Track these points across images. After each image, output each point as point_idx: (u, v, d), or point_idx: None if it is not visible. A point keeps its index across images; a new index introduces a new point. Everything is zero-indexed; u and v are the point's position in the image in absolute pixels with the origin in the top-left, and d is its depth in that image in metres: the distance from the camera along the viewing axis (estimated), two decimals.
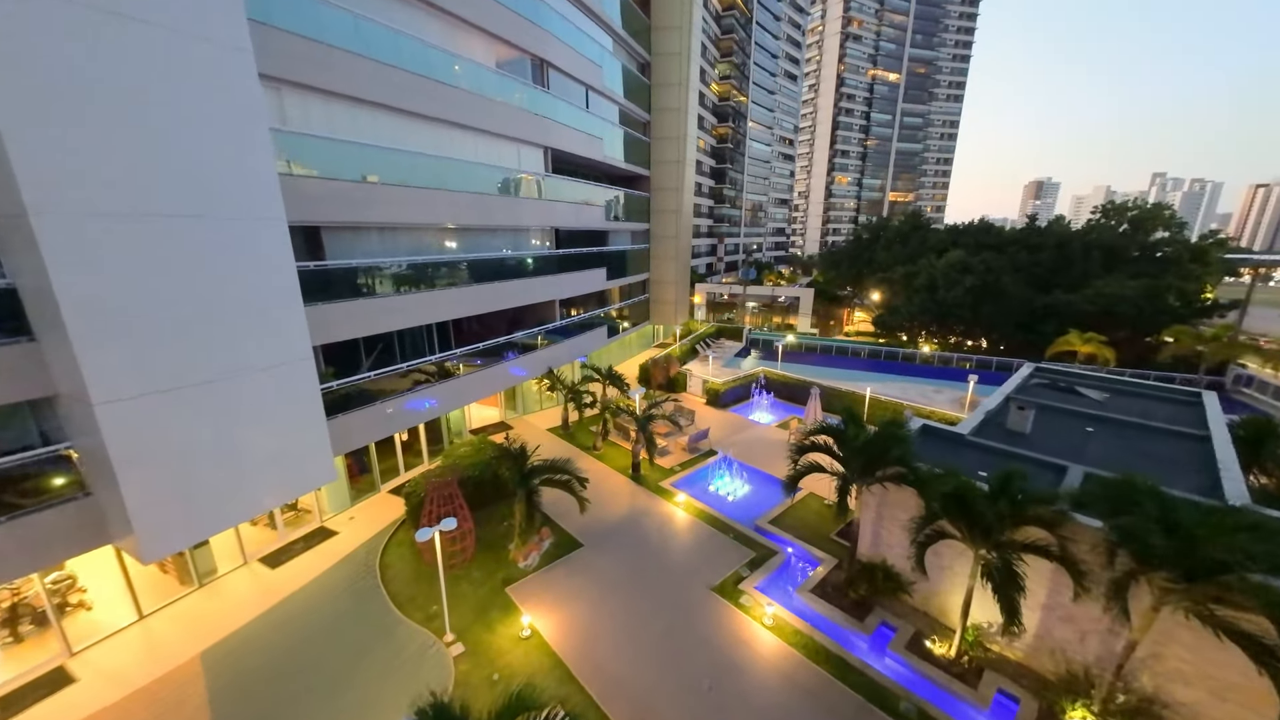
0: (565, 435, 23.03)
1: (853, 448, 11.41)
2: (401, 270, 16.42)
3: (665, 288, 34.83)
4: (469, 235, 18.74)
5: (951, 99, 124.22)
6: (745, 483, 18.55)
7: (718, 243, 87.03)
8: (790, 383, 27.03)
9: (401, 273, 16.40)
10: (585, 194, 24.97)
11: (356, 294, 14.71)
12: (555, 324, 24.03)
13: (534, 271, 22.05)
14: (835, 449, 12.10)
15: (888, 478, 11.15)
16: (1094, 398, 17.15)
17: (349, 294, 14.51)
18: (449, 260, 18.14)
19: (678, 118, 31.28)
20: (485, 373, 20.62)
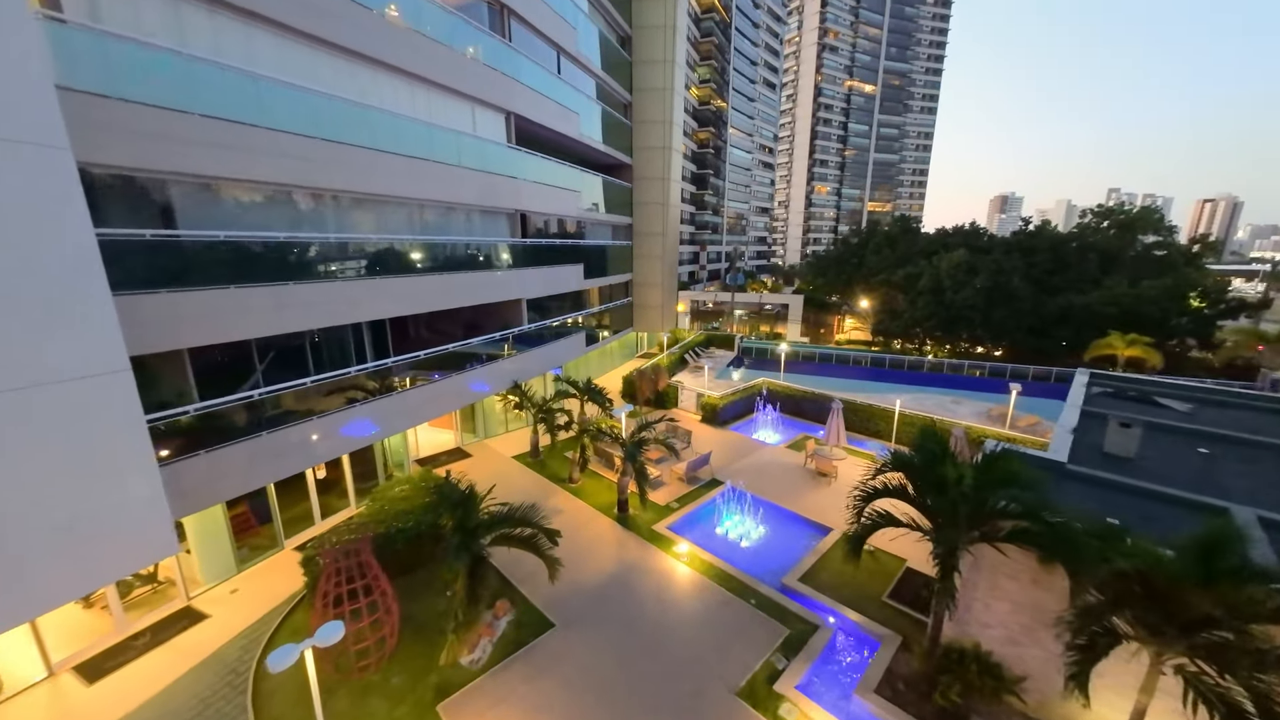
0: (535, 464, 18.92)
1: (949, 492, 7.77)
2: (306, 252, 12.27)
3: (650, 290, 31.24)
4: (406, 212, 14.72)
5: (925, 111, 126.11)
6: (760, 522, 14.78)
7: (700, 250, 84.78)
8: (796, 395, 23.55)
9: (305, 255, 12.25)
10: (558, 175, 21.24)
11: (231, 280, 10.51)
12: (523, 329, 20.02)
13: (494, 264, 18.10)
14: (915, 494, 8.43)
15: (1003, 537, 7.52)
16: (1179, 409, 14.08)
17: (218, 279, 10.31)
18: (378, 243, 14.03)
19: (663, 99, 28.06)
20: (434, 388, 16.47)
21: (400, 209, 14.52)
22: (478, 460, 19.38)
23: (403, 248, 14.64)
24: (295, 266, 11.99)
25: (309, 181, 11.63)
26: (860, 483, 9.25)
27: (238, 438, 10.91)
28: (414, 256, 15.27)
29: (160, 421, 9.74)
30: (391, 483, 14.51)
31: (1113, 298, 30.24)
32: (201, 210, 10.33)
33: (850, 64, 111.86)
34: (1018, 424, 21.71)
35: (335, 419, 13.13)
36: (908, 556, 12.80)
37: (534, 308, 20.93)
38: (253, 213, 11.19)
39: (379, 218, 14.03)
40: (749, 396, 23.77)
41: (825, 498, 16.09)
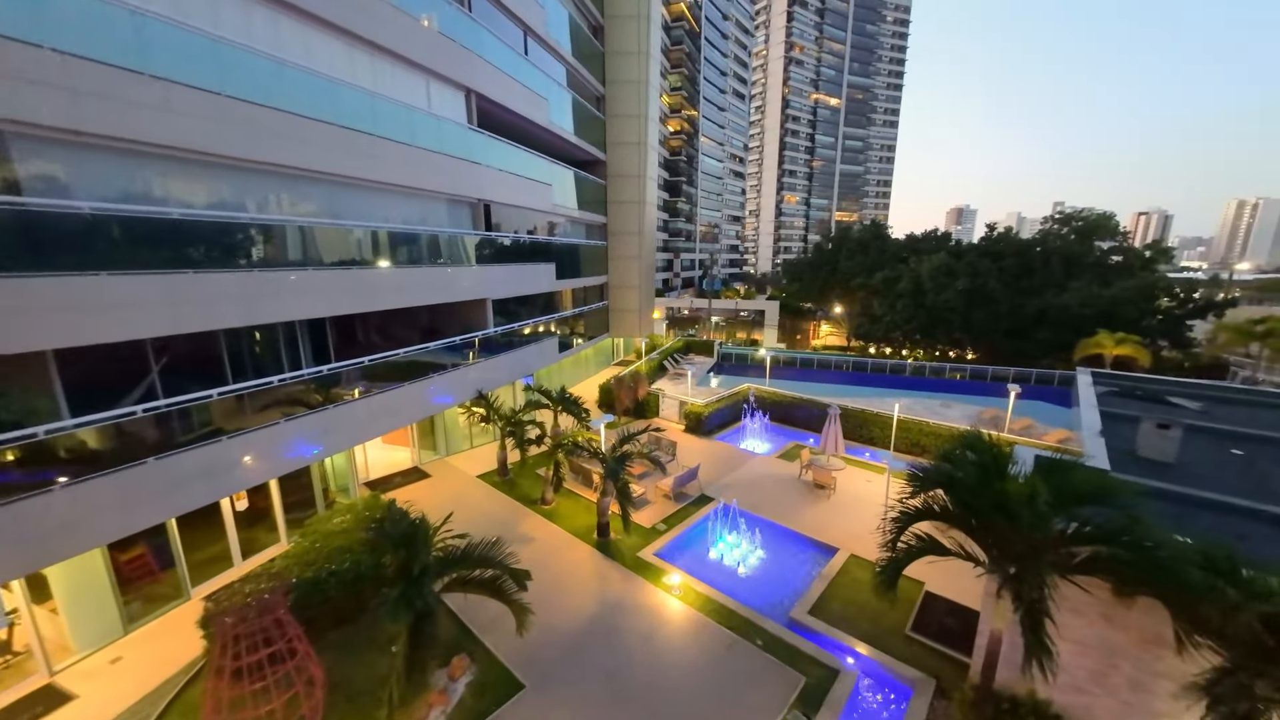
0: (503, 484, 16.87)
1: (1019, 515, 6.28)
2: (211, 235, 10.08)
3: (627, 293, 29.65)
4: (346, 195, 12.66)
5: (887, 124, 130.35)
6: (757, 544, 13.20)
7: (674, 258, 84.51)
8: (785, 401, 22.28)
9: (210, 238, 10.05)
10: (526, 165, 19.47)
11: (105, 264, 8.28)
12: (487, 333, 18.04)
13: (454, 259, 16.12)
14: (963, 516, 6.96)
15: (1082, 567, 6.08)
16: (1191, 408, 13.35)
17: (88, 263, 8.08)
18: (309, 227, 11.91)
19: (637, 93, 26.75)
20: (386, 399, 14.29)
21: (338, 190, 12.44)
22: (438, 481, 17.19)
23: (341, 235, 12.53)
24: (198, 252, 9.79)
25: (211, 147, 9.51)
26: (895, 501, 7.74)
27: (115, 465, 8.59)
28: (357, 247, 13.17)
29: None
30: (331, 512, 12.24)
31: (1089, 298, 30.49)
32: (65, 175, 8.11)
33: (816, 77, 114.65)
34: (1012, 427, 21.01)
35: (258, 438, 10.86)
36: (925, 579, 11.41)
37: (501, 310, 18.98)
38: (139, 181, 8.99)
39: (311, 198, 11.92)
40: (734, 403, 22.35)
41: (826, 512, 14.68)
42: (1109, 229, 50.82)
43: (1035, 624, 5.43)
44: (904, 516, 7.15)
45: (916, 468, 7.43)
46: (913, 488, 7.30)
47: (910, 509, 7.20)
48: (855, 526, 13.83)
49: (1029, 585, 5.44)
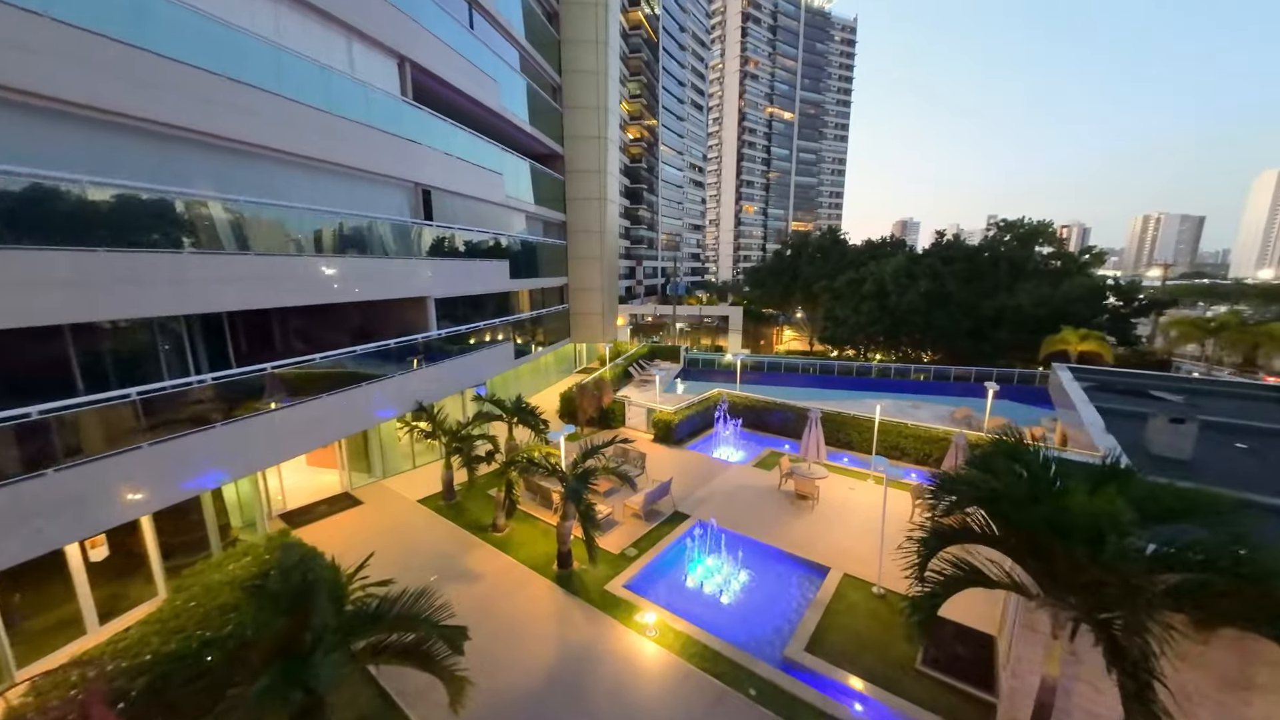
0: (448, 509, 14.70)
1: (1102, 542, 4.92)
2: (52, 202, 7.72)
3: (589, 296, 27.94)
4: (246, 165, 10.42)
5: (838, 139, 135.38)
6: (739, 566, 11.71)
7: (636, 265, 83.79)
8: (758, 406, 21.13)
9: (50, 206, 7.70)
10: (475, 150, 17.57)
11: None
12: (430, 335, 15.91)
13: (388, 251, 13.99)
14: (1005, 539, 5.63)
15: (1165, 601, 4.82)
16: (1175, 401, 13.01)
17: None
18: (196, 200, 9.61)
19: (596, 83, 25.36)
20: (305, 412, 11.95)
21: (235, 159, 10.21)
22: (371, 509, 14.80)
23: (238, 212, 10.26)
24: (33, 223, 7.43)
25: (40, 86, 7.24)
26: (921, 520, 6.37)
27: None
28: (263, 229, 10.92)
29: None
30: (224, 556, 9.78)
31: (1042, 299, 31.37)
32: None
33: (770, 91, 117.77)
34: (983, 424, 20.65)
35: (114, 467, 8.44)
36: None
37: (447, 312, 16.88)
38: None
39: (199, 166, 9.65)
40: (706, 409, 20.99)
41: (811, 526, 13.40)
42: (1047, 235, 53.85)
43: (1141, 690, 4.11)
44: (935, 538, 5.78)
45: (939, 479, 6.10)
46: (941, 504, 5.96)
47: (943, 528, 5.84)
48: (844, 541, 12.61)
49: (1126, 632, 4.15)
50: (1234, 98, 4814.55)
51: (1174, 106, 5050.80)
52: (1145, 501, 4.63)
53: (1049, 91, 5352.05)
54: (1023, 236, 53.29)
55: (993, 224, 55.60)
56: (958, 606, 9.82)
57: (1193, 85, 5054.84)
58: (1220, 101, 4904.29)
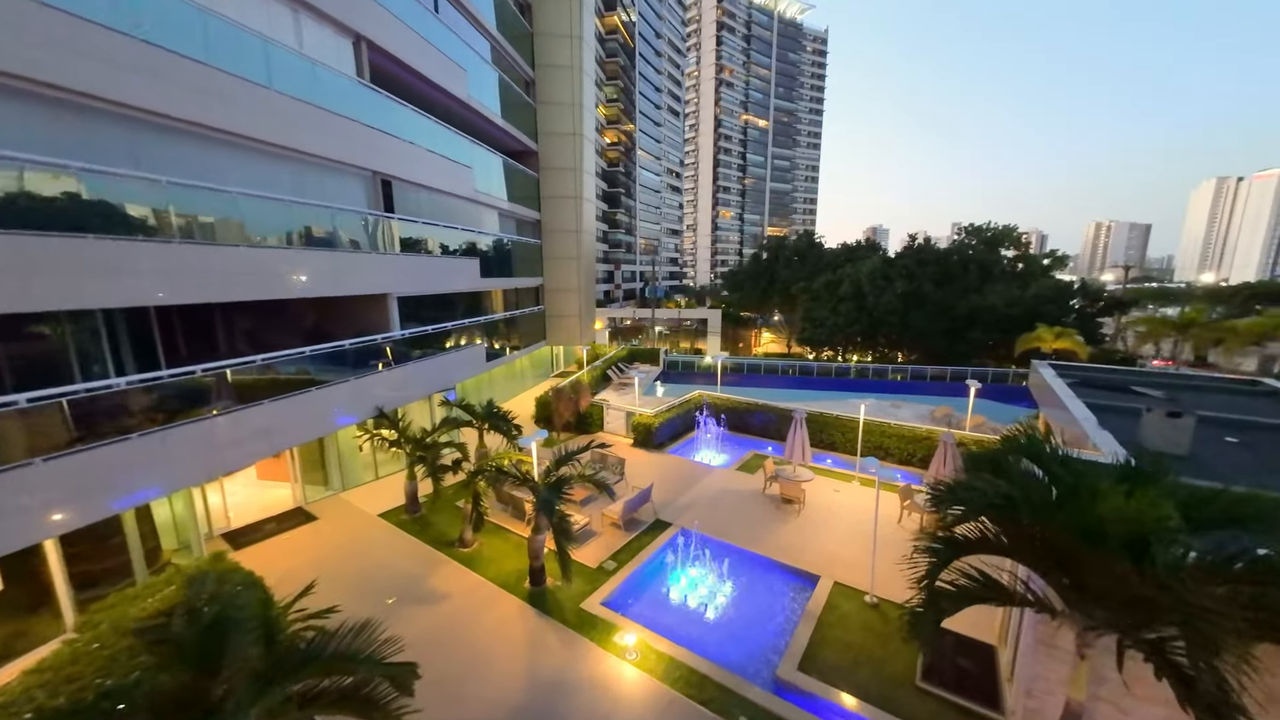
0: (412, 522, 13.61)
1: (1106, 541, 4.38)
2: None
3: (565, 297, 27.06)
4: (176, 143, 9.30)
5: (811, 146, 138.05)
6: (724, 575, 11.01)
7: (614, 269, 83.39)
8: (740, 408, 20.60)
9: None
10: (441, 140, 16.61)
11: None
12: (392, 336, 14.83)
13: (344, 244, 12.90)
14: (1024, 549, 5.04)
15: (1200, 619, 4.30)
16: (1158, 396, 12.95)
17: None
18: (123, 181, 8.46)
19: (570, 79, 24.66)
20: (249, 418, 10.78)
21: (165, 138, 9.09)
22: (326, 525, 13.58)
23: (165, 196, 9.13)
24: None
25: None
26: (931, 529, 5.75)
27: None
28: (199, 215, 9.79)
29: None
30: (143, 587, 8.57)
31: (1013, 299, 31.98)
32: None
33: (745, 99, 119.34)
34: (963, 424, 20.59)
35: (5, 482, 7.22)
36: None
37: (412, 312, 15.82)
38: None
39: (109, 139, 8.51)
40: (686, 412, 20.35)
41: (798, 531, 12.82)
42: (1012, 239, 55.54)
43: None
44: (947, 548, 5.16)
45: (949, 485, 5.50)
46: (951, 512, 5.34)
47: (955, 538, 5.22)
48: (832, 546, 12.07)
49: (1191, 660, 3.58)
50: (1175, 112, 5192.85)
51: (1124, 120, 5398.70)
52: (1191, 505, 4.12)
53: (1010, 104, 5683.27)
54: (989, 240, 54.95)
55: (959, 230, 57.12)
56: (956, 616, 9.41)
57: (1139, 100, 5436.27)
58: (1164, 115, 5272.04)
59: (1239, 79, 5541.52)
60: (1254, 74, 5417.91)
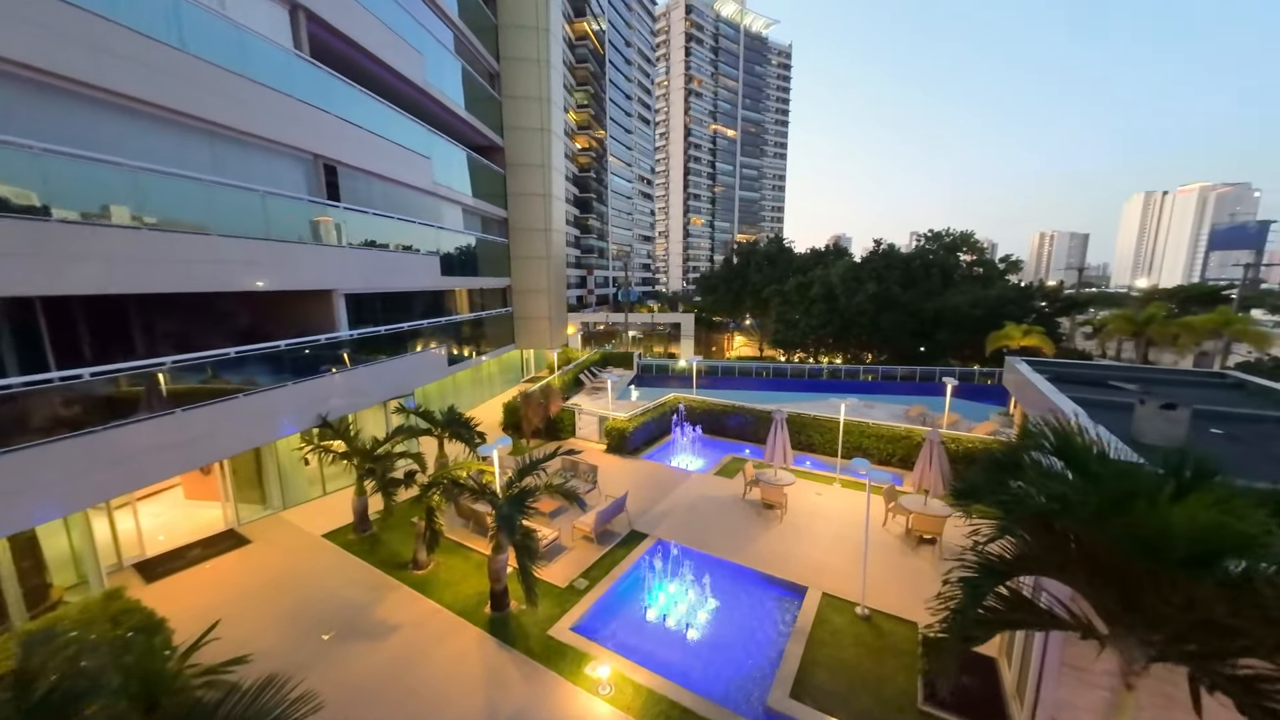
0: (360, 543, 12.23)
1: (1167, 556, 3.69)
2: None
3: (535, 299, 25.94)
4: (61, 107, 7.92)
5: (777, 156, 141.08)
6: (706, 591, 10.18)
7: (587, 274, 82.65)
8: (716, 410, 19.93)
9: None
10: (395, 127, 15.42)
11: None
12: (338, 337, 13.48)
13: (280, 234, 11.55)
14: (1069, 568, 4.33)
15: None
16: (1132, 389, 12.94)
17: None
18: None
19: (538, 73, 23.77)
20: (162, 429, 9.31)
21: (41, 97, 7.70)
22: (261, 548, 12.06)
23: (40, 167, 7.72)
24: None
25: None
26: (967, 548, 4.98)
27: None
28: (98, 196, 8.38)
29: None
30: (7, 636, 7.04)
31: (978, 299, 32.74)
32: None
33: (714, 109, 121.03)
34: (938, 422, 20.52)
35: None
36: (917, 617, 9.14)
37: (364, 312, 14.48)
38: None
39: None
40: (662, 415, 19.54)
41: (781, 539, 12.12)
42: (971, 245, 57.61)
43: None
44: (986, 575, 4.37)
45: (980, 483, 4.81)
46: (983, 518, 4.61)
47: (995, 562, 4.44)
48: (817, 554, 11.42)
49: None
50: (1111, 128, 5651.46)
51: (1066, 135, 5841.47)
52: None
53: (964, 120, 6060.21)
54: (949, 246, 56.84)
55: (919, 236, 58.90)
56: None
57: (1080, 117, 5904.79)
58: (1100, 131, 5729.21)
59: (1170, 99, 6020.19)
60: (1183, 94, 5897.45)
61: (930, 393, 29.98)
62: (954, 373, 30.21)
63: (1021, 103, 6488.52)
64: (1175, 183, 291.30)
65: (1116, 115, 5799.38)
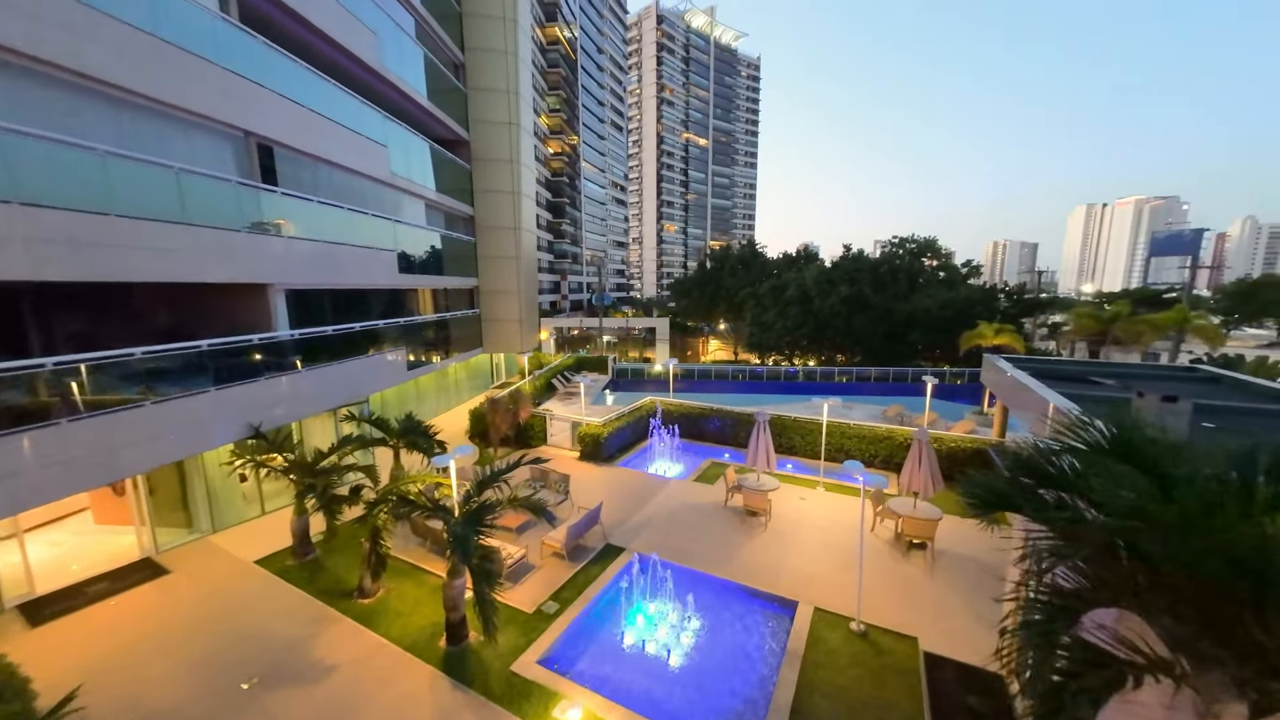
0: (300, 570, 10.84)
1: None
2: None
3: (504, 300, 24.70)
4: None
5: (748, 165, 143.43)
6: (689, 610, 9.29)
7: (561, 280, 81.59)
8: (694, 414, 19.16)
9: None
10: (345, 109, 14.16)
11: None
12: (276, 337, 12.08)
13: (199, 218, 10.16)
14: (1144, 595, 3.57)
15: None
16: (1110, 384, 12.81)
17: None
18: None
19: (505, 64, 22.75)
20: (45, 440, 7.81)
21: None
22: (182, 579, 10.52)
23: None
24: None
25: None
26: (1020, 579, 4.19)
27: None
28: None
29: None
30: None
31: (947, 301, 33.23)
32: None
33: (685, 118, 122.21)
34: (918, 421, 20.33)
35: None
36: (916, 632, 8.47)
37: (311, 311, 13.10)
38: None
39: None
40: (638, 420, 18.63)
41: (767, 549, 11.35)
42: (935, 250, 59.33)
43: None
44: (1054, 613, 3.53)
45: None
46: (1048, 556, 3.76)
47: (1068, 599, 3.60)
48: (806, 564, 10.69)
49: None
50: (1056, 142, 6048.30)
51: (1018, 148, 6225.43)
52: None
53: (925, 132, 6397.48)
54: (915, 251, 58.37)
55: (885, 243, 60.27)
56: (953, 639, 8.17)
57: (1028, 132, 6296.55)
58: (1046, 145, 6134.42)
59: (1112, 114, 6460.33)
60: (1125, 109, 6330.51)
61: (906, 392, 30.10)
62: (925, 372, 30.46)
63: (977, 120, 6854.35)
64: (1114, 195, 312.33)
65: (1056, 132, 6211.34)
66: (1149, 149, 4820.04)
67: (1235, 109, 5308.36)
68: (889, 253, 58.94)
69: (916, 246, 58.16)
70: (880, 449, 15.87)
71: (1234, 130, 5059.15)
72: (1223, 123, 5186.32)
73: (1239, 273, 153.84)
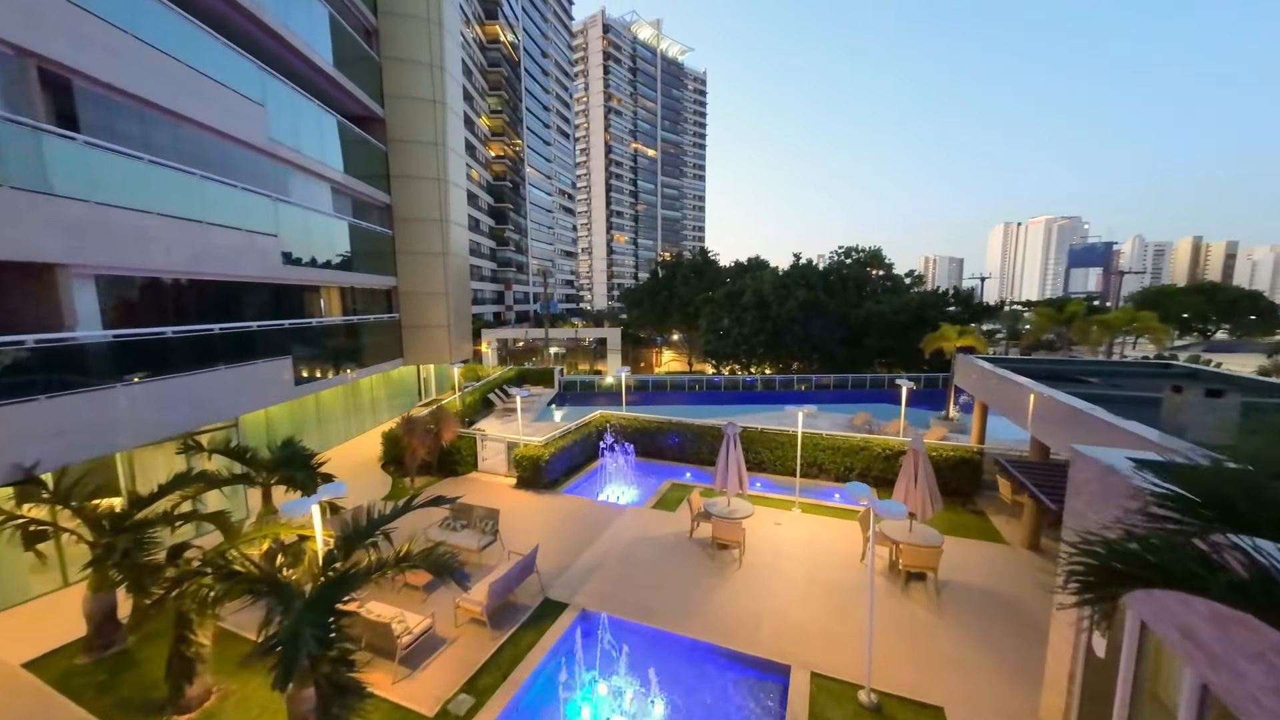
0: (94, 671, 7.53)
1: None
2: None
3: (430, 303, 21.51)
4: None
5: (696, 177, 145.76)
6: (653, 689, 6.94)
7: (505, 289, 77.92)
8: (650, 428, 16.96)
9: None
10: (198, 48, 11.01)
11: None
12: (74, 337, 8.72)
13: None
14: None
15: None
16: (1096, 382, 11.92)
17: None
18: None
19: (428, 32, 19.94)
20: None
21: None
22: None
23: None
24: None
25: None
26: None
27: None
28: None
29: None
30: None
31: (900, 306, 33.32)
32: None
33: (633, 129, 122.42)
34: (887, 429, 19.22)
35: None
36: (943, 701, 6.60)
37: (140, 306, 9.77)
38: None
39: None
40: (586, 438, 16.19)
41: (745, 592, 9.24)
42: (880, 260, 61.43)
43: None
44: None
45: None
46: None
47: None
48: (794, 610, 8.66)
49: None
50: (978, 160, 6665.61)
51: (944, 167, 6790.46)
52: None
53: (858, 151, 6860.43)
54: (862, 260, 60.10)
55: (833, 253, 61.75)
56: (986, 708, 6.30)
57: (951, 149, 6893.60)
58: (969, 163, 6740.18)
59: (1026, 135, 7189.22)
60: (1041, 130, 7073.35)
61: (868, 399, 29.49)
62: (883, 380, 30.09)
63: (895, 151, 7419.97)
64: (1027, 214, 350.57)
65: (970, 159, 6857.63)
66: (1052, 175, 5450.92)
67: (1119, 140, 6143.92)
68: (836, 261, 60.32)
69: (863, 256, 59.92)
70: (857, 461, 14.30)
71: (1118, 157, 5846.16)
72: (1108, 149, 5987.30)
73: (1132, 286, 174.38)
